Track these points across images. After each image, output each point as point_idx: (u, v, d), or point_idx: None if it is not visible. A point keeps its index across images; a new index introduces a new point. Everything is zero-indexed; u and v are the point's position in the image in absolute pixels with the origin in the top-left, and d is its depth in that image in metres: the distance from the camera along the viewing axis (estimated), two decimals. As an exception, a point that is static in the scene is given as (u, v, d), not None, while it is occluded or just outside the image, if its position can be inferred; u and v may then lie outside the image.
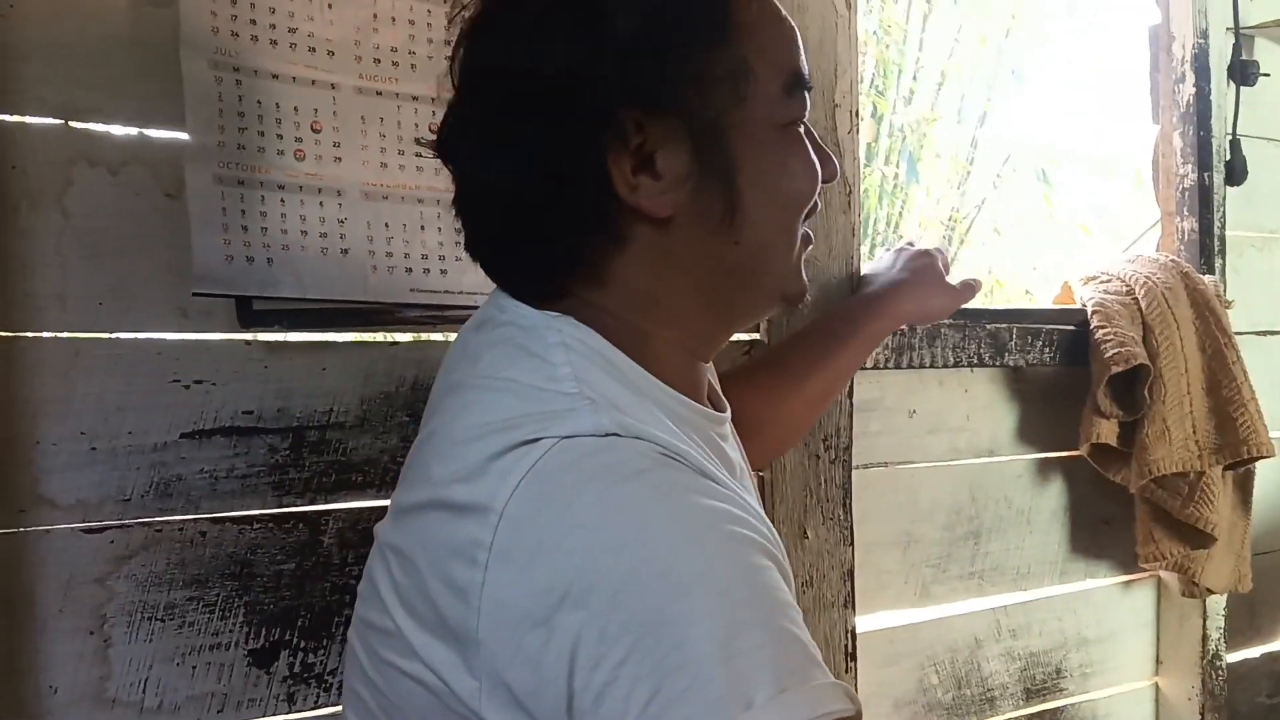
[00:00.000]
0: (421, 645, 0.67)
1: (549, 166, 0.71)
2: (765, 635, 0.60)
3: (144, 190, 0.94)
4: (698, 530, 0.63)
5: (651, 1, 0.70)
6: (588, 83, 0.69)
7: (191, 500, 0.97)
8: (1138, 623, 1.67)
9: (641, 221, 0.72)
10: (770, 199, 0.75)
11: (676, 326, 0.77)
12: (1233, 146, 1.69)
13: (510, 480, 0.64)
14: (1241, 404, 1.48)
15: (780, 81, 0.74)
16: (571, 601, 0.60)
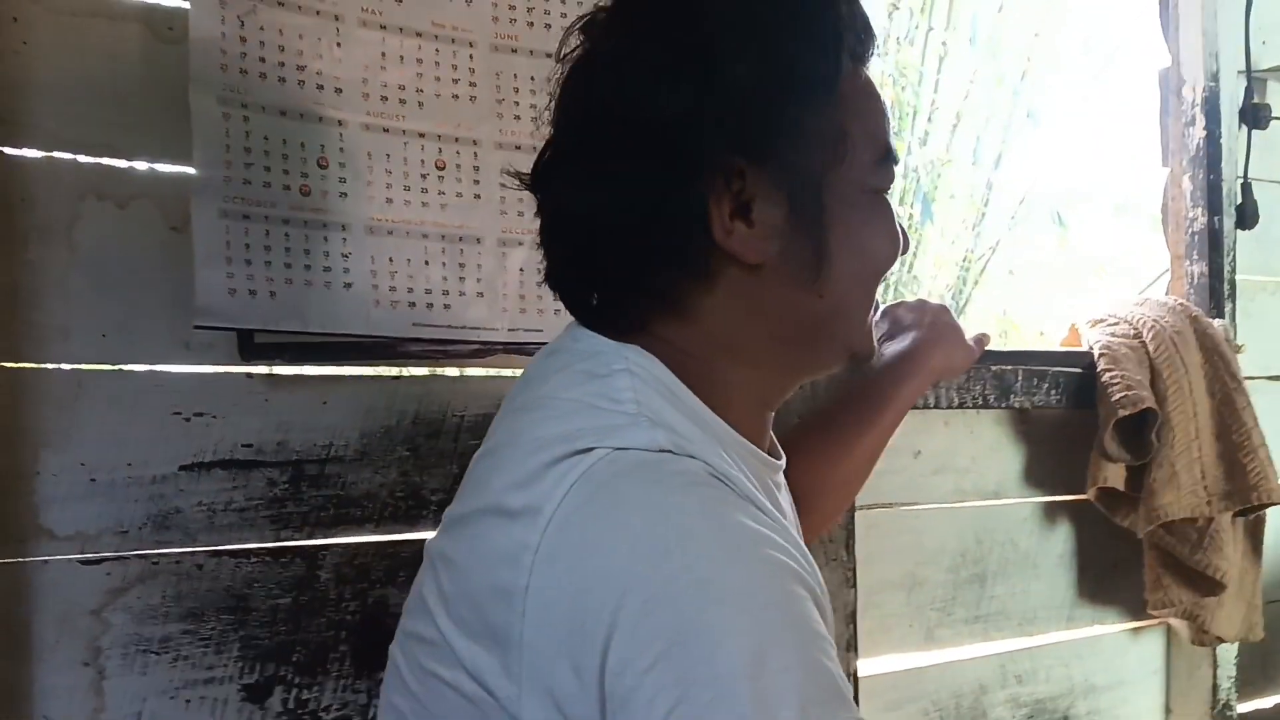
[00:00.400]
0: (465, 651, 0.68)
1: (649, 203, 0.72)
2: (795, 660, 0.60)
3: (150, 224, 0.95)
4: (739, 547, 0.64)
5: (767, 55, 0.71)
6: (698, 127, 0.70)
7: (189, 533, 0.97)
8: (1147, 671, 1.64)
9: (732, 264, 0.74)
10: (856, 258, 0.77)
11: (750, 370, 0.78)
12: (1244, 190, 1.68)
13: (563, 486, 0.65)
14: (1252, 449, 1.47)
15: (873, 150, 0.77)
16: (608, 604, 0.61)
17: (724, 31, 0.71)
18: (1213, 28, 1.64)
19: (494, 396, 1.11)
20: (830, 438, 1.17)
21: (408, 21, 1.04)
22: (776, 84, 0.71)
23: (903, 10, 4.03)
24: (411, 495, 1.07)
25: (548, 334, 1.11)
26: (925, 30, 4.05)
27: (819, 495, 1.13)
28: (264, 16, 0.96)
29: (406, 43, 1.04)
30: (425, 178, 1.05)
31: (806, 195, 0.74)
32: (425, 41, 1.05)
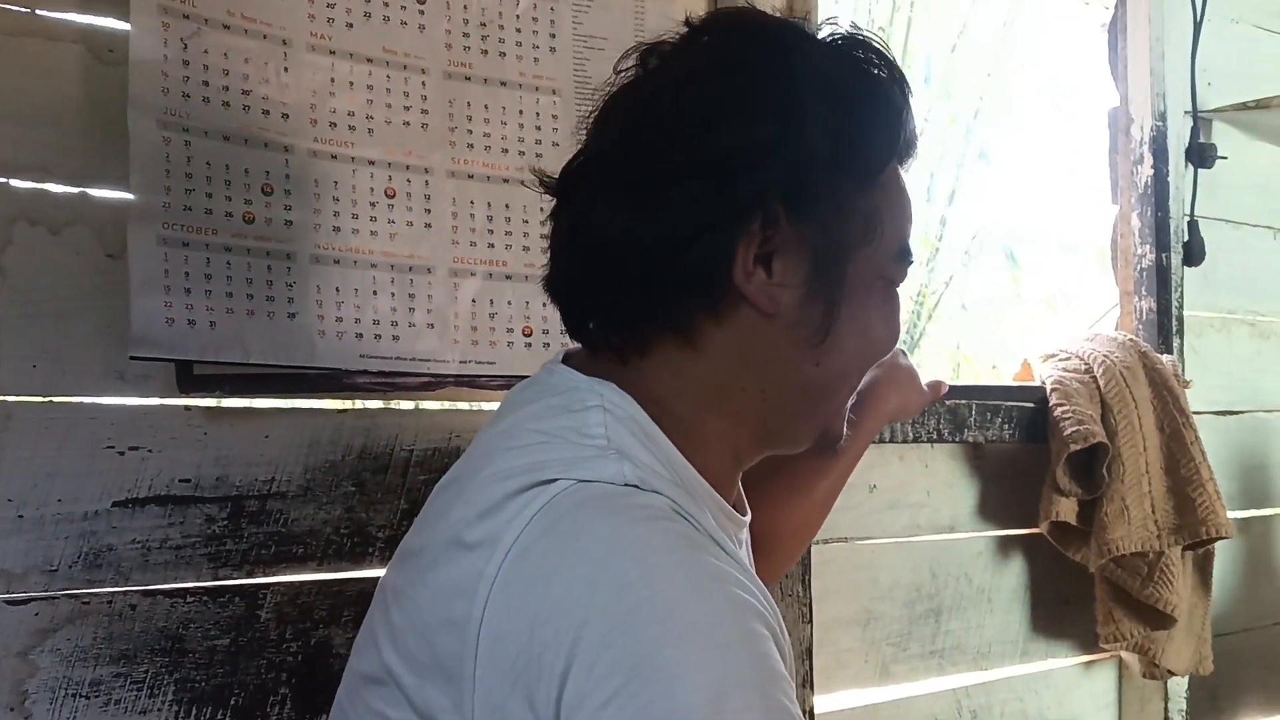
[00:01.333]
0: (413, 689, 0.66)
1: (687, 231, 0.73)
2: (756, 700, 0.60)
3: (85, 250, 0.92)
4: (701, 583, 0.63)
5: (840, 124, 0.73)
6: (759, 172, 0.72)
7: (122, 572, 0.93)
8: (1099, 704, 1.65)
9: (746, 307, 0.75)
10: (858, 336, 0.78)
11: (733, 422, 0.78)
12: (1190, 228, 1.71)
13: (523, 517, 0.65)
14: (1200, 484, 1.48)
15: (898, 244, 0.79)
16: (566, 635, 0.60)
17: (808, 91, 0.73)
18: (1160, 69, 1.68)
19: (444, 430, 1.09)
20: (786, 482, 1.16)
21: (358, 47, 1.03)
22: (840, 153, 0.74)
23: (858, 48, 4.08)
24: (357, 532, 1.04)
25: (500, 366, 1.09)
26: (879, 68, 4.11)
27: (776, 539, 1.13)
28: (208, 39, 0.94)
29: (357, 69, 1.03)
30: (374, 206, 1.03)
31: (830, 262, 0.75)
32: (376, 68, 1.04)
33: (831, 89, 0.74)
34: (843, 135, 0.74)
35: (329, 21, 1.01)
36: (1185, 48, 1.70)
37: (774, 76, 0.74)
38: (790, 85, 0.74)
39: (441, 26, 1.07)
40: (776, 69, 0.74)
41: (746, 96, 0.74)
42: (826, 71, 0.75)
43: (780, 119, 0.73)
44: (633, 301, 0.76)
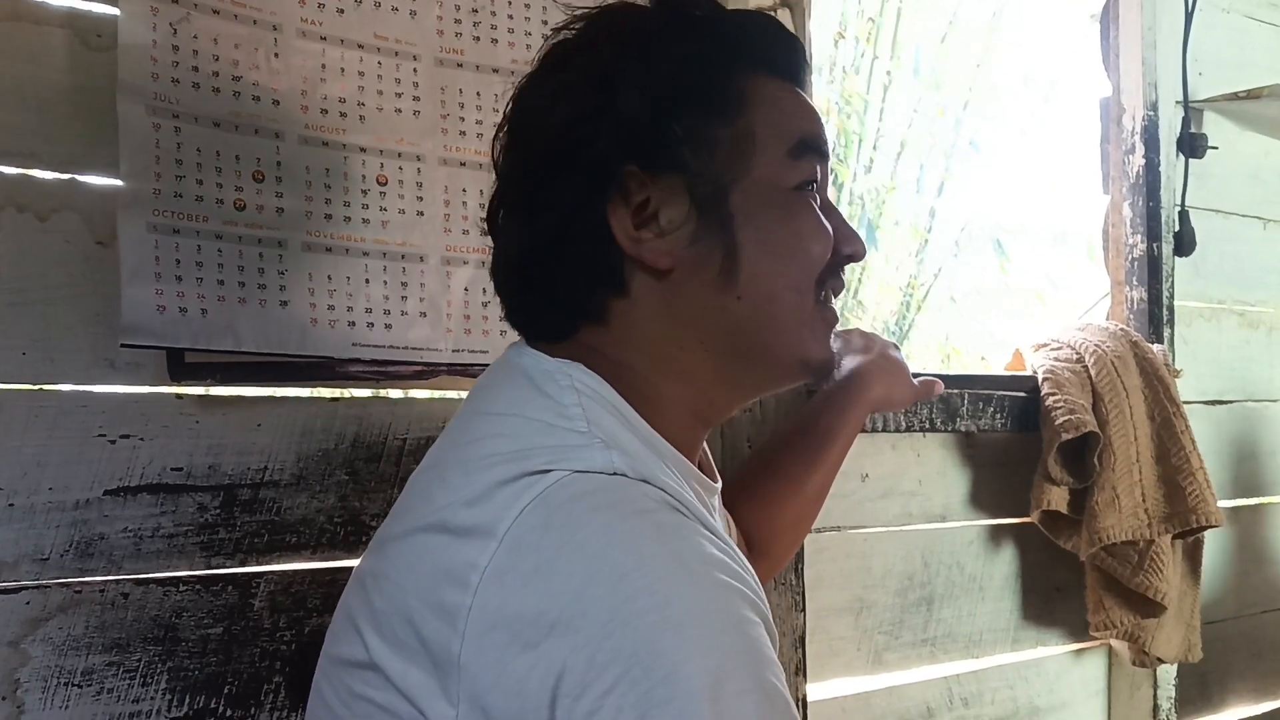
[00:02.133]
0: (398, 673, 0.66)
1: (558, 217, 0.76)
2: (752, 683, 0.62)
3: (74, 238, 0.91)
4: (695, 572, 0.64)
5: (659, 74, 0.75)
6: (591, 139, 0.75)
7: (114, 560, 0.93)
8: (1089, 692, 1.65)
9: (643, 272, 0.76)
10: (774, 255, 0.77)
11: (685, 383, 0.79)
12: (1181, 218, 1.72)
13: (516, 506, 0.65)
14: (1190, 473, 1.49)
15: (786, 146, 0.78)
16: (563, 626, 0.61)
17: (617, 56, 0.76)
18: (1152, 58, 1.68)
19: (437, 419, 1.08)
20: (777, 477, 1.18)
21: (349, 34, 1.02)
22: (674, 96, 0.75)
23: (848, 39, 4.09)
24: (350, 521, 1.04)
25: (493, 355, 1.08)
26: (870, 59, 4.11)
27: (772, 536, 1.14)
28: (197, 24, 0.93)
29: (348, 55, 1.02)
30: (366, 193, 1.03)
31: (710, 198, 0.76)
32: (367, 54, 1.03)
33: (646, 44, 0.76)
34: (670, 79, 0.75)
35: (319, 7, 1.00)
36: (1177, 37, 1.71)
37: (585, 52, 0.78)
38: (600, 55, 0.77)
39: (433, 13, 1.06)
40: (588, 45, 0.78)
41: (567, 81, 0.77)
42: (640, 30, 0.78)
43: (597, 88, 0.75)
44: (550, 312, 0.79)
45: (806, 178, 0.79)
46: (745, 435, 1.27)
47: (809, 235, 0.79)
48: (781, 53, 0.81)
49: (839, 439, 1.18)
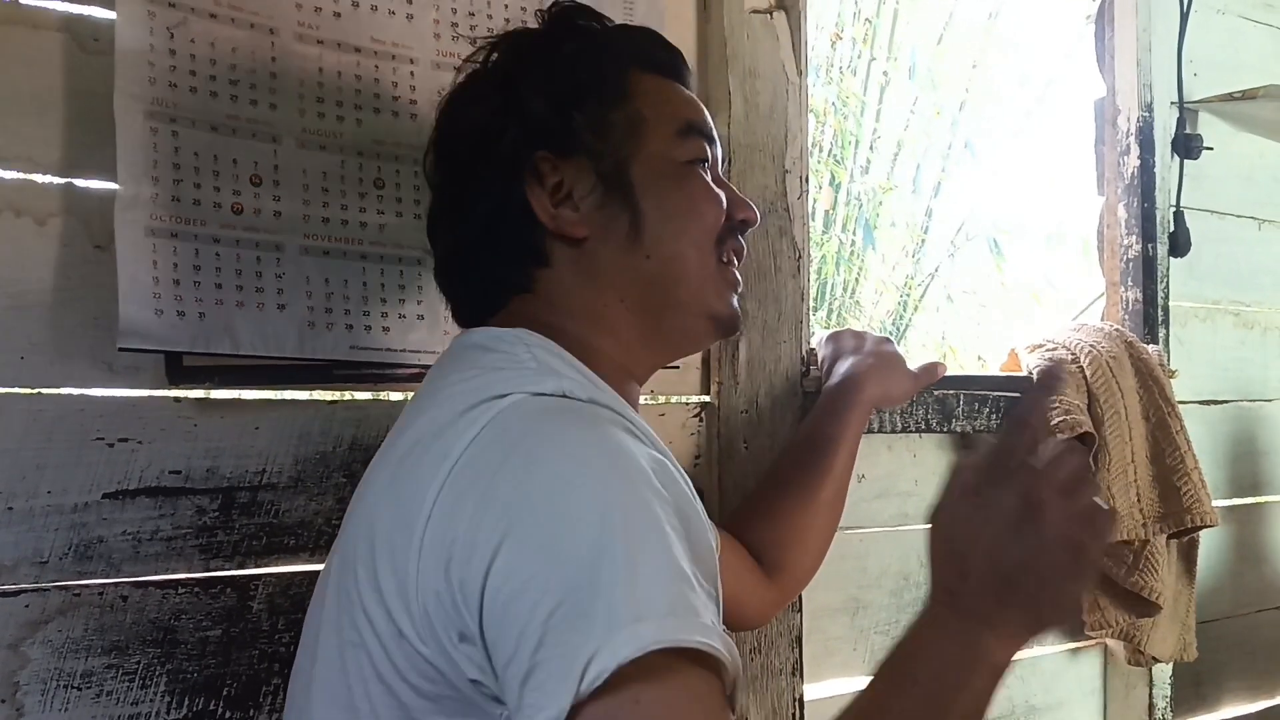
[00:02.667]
0: (368, 578, 0.72)
1: (485, 205, 0.87)
2: (666, 566, 0.65)
3: (72, 241, 0.92)
4: (634, 478, 0.69)
5: (555, 75, 0.87)
6: (501, 134, 0.86)
7: (113, 563, 0.93)
8: (1085, 691, 1.66)
9: (562, 242, 0.87)
10: (672, 218, 0.87)
11: (613, 339, 0.87)
12: (1176, 218, 1.72)
13: (475, 428, 0.71)
14: (1185, 473, 1.49)
15: (673, 127, 0.89)
16: (500, 516, 0.66)
17: (518, 62, 0.89)
18: (1147, 60, 1.68)
19: (433, 420, 1.09)
20: (779, 490, 1.20)
21: (346, 37, 1.02)
22: (565, 97, 0.87)
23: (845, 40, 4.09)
24: (347, 522, 1.04)
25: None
26: (867, 60, 4.11)
27: (779, 549, 1.16)
28: (195, 28, 0.94)
29: (345, 59, 1.02)
30: (364, 196, 1.03)
31: (613, 173, 0.86)
32: (364, 58, 1.03)
33: (543, 50, 0.89)
34: (567, 76, 0.87)
35: (316, 11, 1.01)
36: (1172, 39, 1.71)
37: (492, 64, 0.91)
38: (504, 63, 0.90)
39: (429, 16, 1.07)
40: (494, 59, 0.91)
41: (478, 89, 0.90)
42: (537, 41, 0.91)
43: (504, 89, 0.88)
44: (484, 293, 0.89)
45: (695, 155, 0.90)
46: (742, 436, 1.27)
47: (702, 200, 0.89)
48: (662, 55, 0.93)
49: (840, 444, 1.19)
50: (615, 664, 0.61)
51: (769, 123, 1.30)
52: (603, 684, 0.61)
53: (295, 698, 0.83)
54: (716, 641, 0.64)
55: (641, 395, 1.23)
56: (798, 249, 1.32)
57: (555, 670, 0.62)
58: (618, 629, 0.61)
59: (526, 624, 0.64)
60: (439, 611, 0.68)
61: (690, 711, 0.63)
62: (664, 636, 0.62)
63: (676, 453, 1.25)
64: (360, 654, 0.73)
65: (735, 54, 1.27)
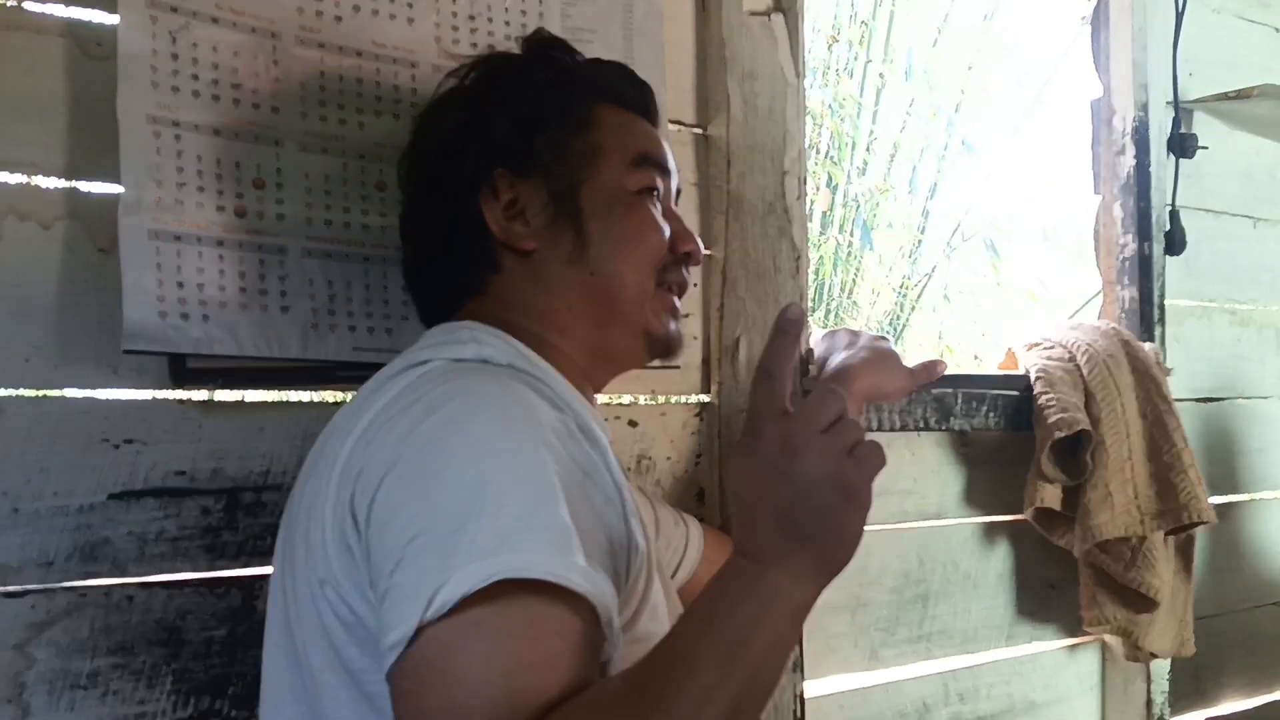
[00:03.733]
0: (300, 558, 0.77)
1: (446, 213, 0.92)
2: (537, 509, 0.68)
3: (76, 245, 0.92)
4: (525, 426, 0.72)
5: (520, 100, 0.92)
6: (464, 151, 0.92)
7: (118, 564, 0.94)
8: (1083, 687, 1.66)
9: (512, 253, 0.91)
10: (616, 241, 0.92)
11: (568, 336, 0.91)
12: (1172, 217, 1.73)
13: (394, 390, 0.76)
14: (1182, 470, 1.50)
15: (628, 158, 0.94)
16: (392, 449, 0.71)
17: (488, 84, 0.94)
18: (1142, 59, 1.69)
19: (435, 421, 1.09)
20: None
21: (348, 41, 1.03)
22: (536, 116, 0.92)
23: (841, 42, 4.10)
24: (350, 522, 1.04)
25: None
26: (864, 63, 4.13)
27: None
28: (197, 33, 0.94)
29: (346, 62, 1.03)
30: (366, 199, 1.04)
31: (565, 194, 0.91)
32: (366, 61, 1.04)
33: (512, 75, 0.95)
34: (533, 102, 0.92)
35: (318, 15, 1.01)
36: (1167, 38, 1.72)
37: (464, 84, 0.96)
38: (475, 85, 0.95)
39: (430, 20, 1.08)
40: (467, 80, 0.96)
41: (450, 107, 0.95)
42: (507, 66, 0.96)
43: (471, 108, 0.93)
44: (443, 295, 0.94)
45: (646, 185, 0.94)
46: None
47: (646, 228, 0.93)
48: (628, 90, 0.98)
49: None
50: (462, 591, 0.63)
51: (768, 124, 1.31)
52: (450, 609, 0.63)
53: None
54: (577, 576, 0.65)
55: (643, 396, 1.25)
56: (796, 249, 1.33)
57: (408, 591, 0.64)
58: (474, 559, 0.63)
59: (392, 546, 0.67)
60: (343, 546, 0.72)
61: (529, 636, 0.64)
62: (515, 567, 0.64)
63: (677, 451, 1.26)
64: (294, 601, 0.77)
65: (734, 56, 1.28)
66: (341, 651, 0.73)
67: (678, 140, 1.28)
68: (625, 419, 1.23)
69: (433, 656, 0.63)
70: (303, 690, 0.77)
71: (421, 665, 0.64)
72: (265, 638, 0.84)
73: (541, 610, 0.64)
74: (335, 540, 0.72)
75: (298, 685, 0.77)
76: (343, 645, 0.73)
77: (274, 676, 0.81)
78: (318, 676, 0.75)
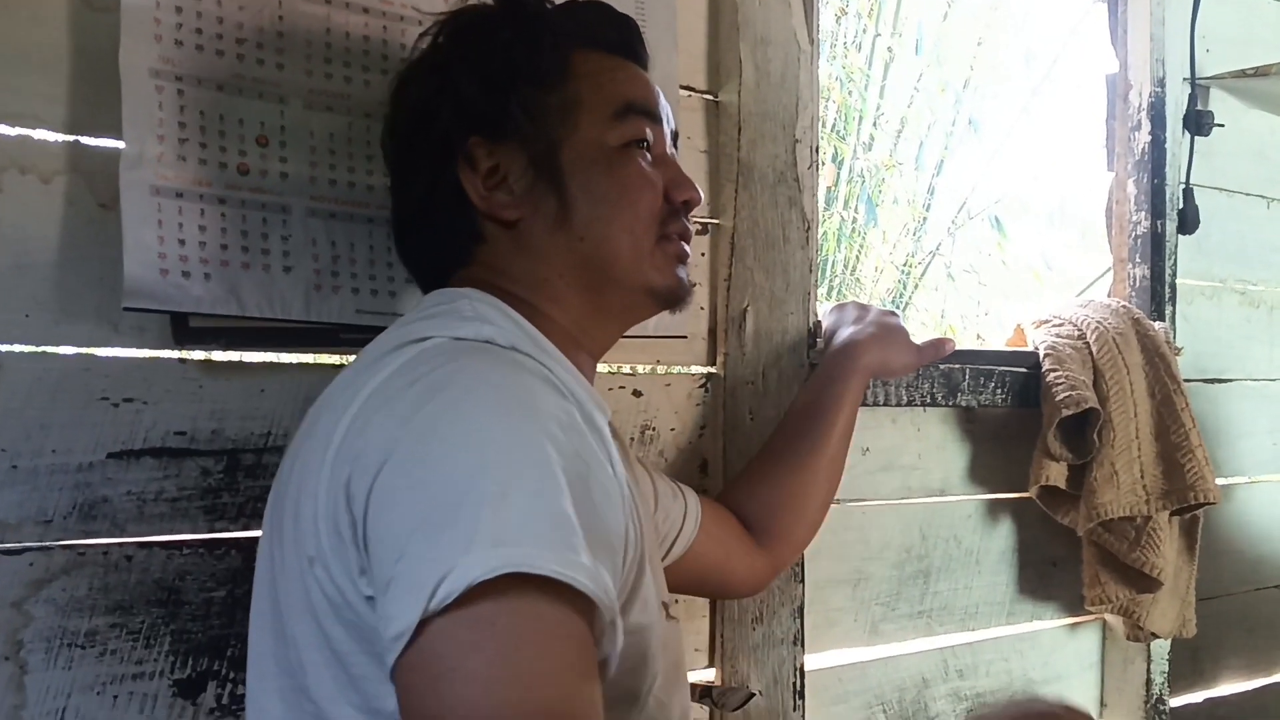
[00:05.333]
0: (289, 536, 0.74)
1: (419, 184, 0.89)
2: (541, 501, 0.65)
3: (77, 200, 0.91)
4: (530, 416, 0.69)
5: (489, 60, 0.87)
6: (435, 117, 0.87)
7: (117, 523, 0.93)
8: (1083, 665, 1.67)
9: (494, 223, 0.88)
10: (601, 204, 0.87)
11: (559, 306, 0.88)
12: (1185, 195, 1.71)
13: (392, 366, 0.74)
14: (1189, 450, 1.49)
15: (610, 109, 0.88)
16: (391, 435, 0.68)
17: (454, 45, 0.89)
18: (1160, 34, 1.67)
19: (438, 386, 1.08)
20: (773, 458, 1.21)
21: (354, -3, 1.01)
22: (505, 75, 0.86)
23: (850, 14, 4.06)
24: (351, 486, 1.03)
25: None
26: (872, 36, 4.09)
27: (768, 514, 1.18)
28: (203, -15, 0.92)
29: (353, 19, 1.01)
30: (371, 159, 1.02)
31: (544, 158, 0.87)
32: (373, 19, 1.02)
33: (479, 33, 0.89)
34: (501, 60, 0.87)
35: (325, -30, 0.99)
36: (1185, 14, 1.69)
37: (432, 44, 0.90)
38: (441, 45, 0.90)
39: (439, -23, 1.06)
40: (434, 40, 0.90)
41: (417, 70, 0.91)
42: (474, 23, 0.90)
43: (439, 73, 0.88)
44: (428, 264, 0.91)
45: (632, 136, 0.89)
46: (748, 407, 1.27)
47: (633, 186, 0.88)
48: (608, 31, 0.92)
49: (836, 413, 1.19)
50: (467, 582, 0.60)
51: (780, 91, 1.29)
52: (453, 601, 0.60)
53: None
54: (583, 576, 0.62)
55: (647, 366, 1.24)
56: (806, 220, 1.31)
57: (411, 583, 0.61)
58: (477, 549, 0.61)
59: (394, 536, 0.64)
60: (334, 528, 0.69)
61: (539, 640, 0.61)
62: (522, 561, 0.61)
63: (681, 422, 1.25)
64: (282, 573, 0.75)
65: (746, 20, 1.26)
66: (327, 630, 0.71)
67: (687, 106, 1.26)
68: (630, 389, 1.22)
69: (443, 652, 0.60)
70: (286, 662, 0.75)
71: (432, 660, 0.61)
72: (252, 603, 0.82)
73: (550, 612, 0.62)
74: (327, 520, 0.70)
75: (282, 657, 0.75)
76: (329, 624, 0.71)
77: (259, 645, 0.79)
78: (302, 652, 0.73)
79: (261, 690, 0.78)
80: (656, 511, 1.06)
